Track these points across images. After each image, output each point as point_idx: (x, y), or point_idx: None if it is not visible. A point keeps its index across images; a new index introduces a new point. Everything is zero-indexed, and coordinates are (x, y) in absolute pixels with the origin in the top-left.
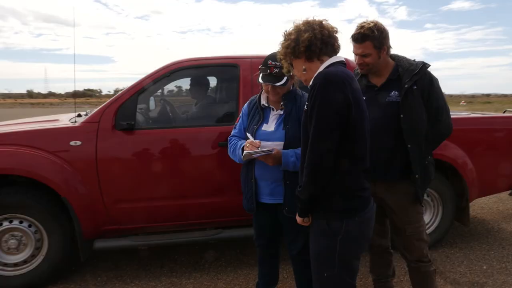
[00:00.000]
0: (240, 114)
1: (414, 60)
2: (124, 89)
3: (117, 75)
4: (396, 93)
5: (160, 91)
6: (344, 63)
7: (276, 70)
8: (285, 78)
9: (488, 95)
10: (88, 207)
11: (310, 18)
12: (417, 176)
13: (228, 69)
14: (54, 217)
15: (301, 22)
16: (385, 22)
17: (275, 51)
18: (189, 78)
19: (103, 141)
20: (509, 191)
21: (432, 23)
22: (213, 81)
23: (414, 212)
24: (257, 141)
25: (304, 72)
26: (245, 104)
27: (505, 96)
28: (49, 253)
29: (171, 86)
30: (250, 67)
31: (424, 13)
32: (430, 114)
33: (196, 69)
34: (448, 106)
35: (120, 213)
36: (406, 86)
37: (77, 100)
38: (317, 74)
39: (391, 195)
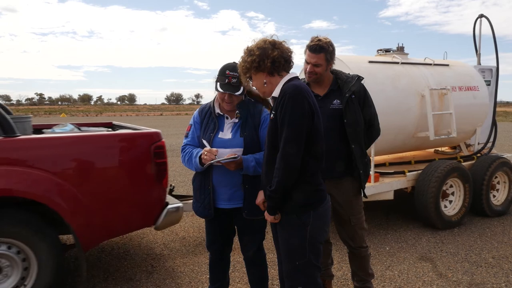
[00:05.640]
0: (191, 122)
1: (349, 74)
2: None
3: None
4: (338, 101)
5: None
6: (298, 78)
7: (234, 80)
8: (242, 88)
9: None
10: None
11: (270, 38)
12: (361, 171)
13: None
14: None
15: (264, 41)
16: (256, 36)
17: (231, 62)
18: None
19: None
20: None
21: (297, 39)
22: None
23: (358, 205)
24: (214, 149)
25: (265, 85)
26: (195, 112)
27: None
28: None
29: None
30: None
31: (290, 29)
32: (364, 120)
33: None
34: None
35: None
36: (347, 95)
37: None
38: (284, 87)
39: (338, 190)
